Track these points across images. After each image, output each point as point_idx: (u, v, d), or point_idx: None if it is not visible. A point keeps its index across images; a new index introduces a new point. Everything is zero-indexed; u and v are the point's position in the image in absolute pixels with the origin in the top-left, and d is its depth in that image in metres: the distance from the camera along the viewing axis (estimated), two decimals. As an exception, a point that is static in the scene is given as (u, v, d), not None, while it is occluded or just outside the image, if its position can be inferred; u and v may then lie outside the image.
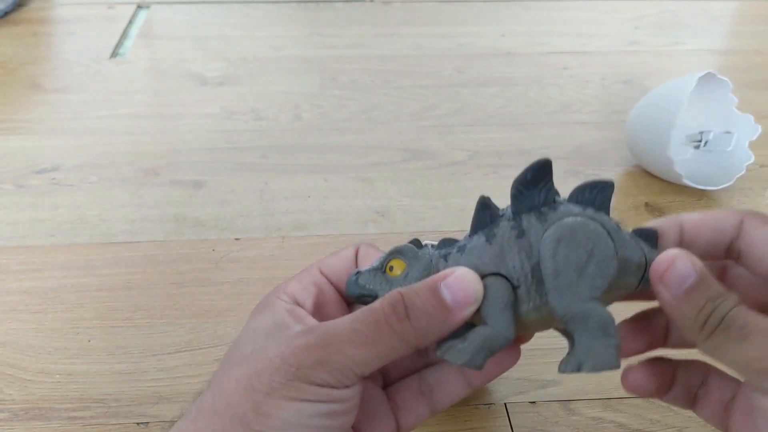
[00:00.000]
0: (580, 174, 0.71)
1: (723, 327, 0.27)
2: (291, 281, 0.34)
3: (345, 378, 0.28)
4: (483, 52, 0.97)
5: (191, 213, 0.65)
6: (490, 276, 0.29)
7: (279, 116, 0.81)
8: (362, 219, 0.65)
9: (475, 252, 0.30)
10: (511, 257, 0.29)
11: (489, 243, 0.29)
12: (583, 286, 0.28)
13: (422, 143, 0.76)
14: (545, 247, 0.29)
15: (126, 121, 0.80)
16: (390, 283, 0.31)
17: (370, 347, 0.28)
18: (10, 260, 0.59)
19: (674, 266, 0.28)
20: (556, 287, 0.28)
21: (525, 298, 0.29)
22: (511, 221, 0.30)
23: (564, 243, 0.28)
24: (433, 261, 0.31)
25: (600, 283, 0.28)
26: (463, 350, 0.29)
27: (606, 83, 0.89)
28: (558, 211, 0.30)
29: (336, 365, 0.28)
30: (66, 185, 0.69)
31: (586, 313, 0.28)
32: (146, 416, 0.46)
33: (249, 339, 0.31)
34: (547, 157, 0.30)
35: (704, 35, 1.04)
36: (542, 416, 0.46)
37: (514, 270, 0.29)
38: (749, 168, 0.67)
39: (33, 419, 0.46)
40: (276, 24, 1.05)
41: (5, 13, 1.03)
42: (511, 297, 0.29)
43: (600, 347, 0.28)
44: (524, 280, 0.29)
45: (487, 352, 0.29)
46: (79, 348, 0.51)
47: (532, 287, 0.29)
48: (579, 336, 0.28)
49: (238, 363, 0.30)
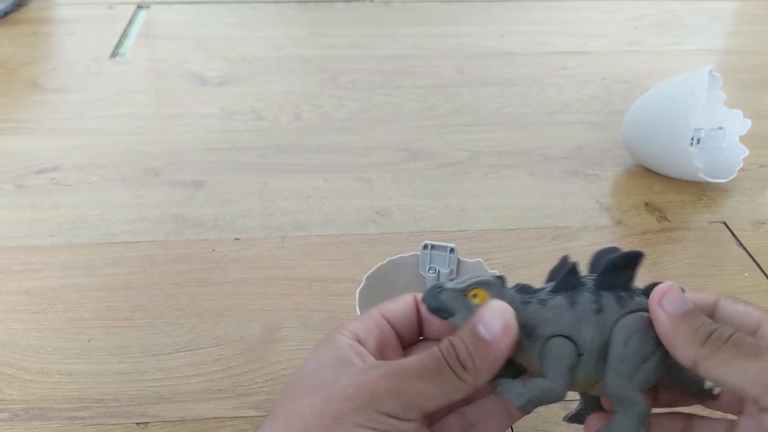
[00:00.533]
0: (580, 174, 0.71)
1: (732, 344, 0.29)
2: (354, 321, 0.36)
3: (411, 410, 0.30)
4: (483, 52, 0.97)
5: (191, 213, 0.65)
6: (563, 337, 0.32)
7: (279, 116, 0.81)
8: (362, 219, 0.65)
9: (556, 311, 0.32)
10: (586, 328, 0.32)
11: (570, 308, 0.32)
12: (639, 377, 0.32)
13: (422, 143, 0.76)
14: (621, 332, 0.32)
15: (126, 121, 0.80)
16: (469, 309, 0.32)
17: (436, 383, 0.30)
18: (10, 260, 0.59)
19: (672, 292, 0.31)
20: (617, 370, 0.32)
21: (583, 366, 0.32)
22: (592, 295, 0.33)
23: (637, 336, 0.32)
24: (514, 304, 0.33)
25: (651, 379, 0.32)
26: (520, 394, 0.32)
27: (606, 83, 0.89)
28: (635, 301, 0.33)
29: (406, 396, 0.30)
30: (66, 185, 0.69)
31: (633, 400, 0.31)
32: (146, 416, 0.46)
33: (315, 371, 0.33)
34: (642, 251, 0.33)
35: (704, 35, 1.04)
36: (542, 416, 0.46)
37: (584, 340, 0.32)
38: (749, 168, 0.67)
39: (33, 419, 0.46)
40: (276, 24, 1.05)
41: (5, 13, 1.03)
42: (575, 362, 0.32)
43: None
44: (590, 352, 0.32)
45: (539, 402, 0.32)
46: (79, 348, 0.51)
47: (593, 359, 0.32)
48: (620, 416, 0.32)
49: (309, 392, 0.31)
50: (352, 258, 0.60)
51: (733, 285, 0.58)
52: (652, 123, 0.68)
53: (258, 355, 0.51)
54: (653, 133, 0.67)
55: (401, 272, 0.51)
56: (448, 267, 0.51)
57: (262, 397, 0.48)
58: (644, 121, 0.69)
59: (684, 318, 0.31)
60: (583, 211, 0.66)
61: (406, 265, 0.51)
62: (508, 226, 0.64)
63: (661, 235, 0.63)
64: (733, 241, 0.63)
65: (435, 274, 0.51)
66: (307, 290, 0.56)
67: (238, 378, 0.49)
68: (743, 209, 0.67)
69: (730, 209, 0.67)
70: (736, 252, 0.61)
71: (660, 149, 0.68)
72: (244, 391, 0.48)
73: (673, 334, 0.31)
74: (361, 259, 0.60)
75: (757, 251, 0.61)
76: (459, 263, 0.51)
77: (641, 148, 0.70)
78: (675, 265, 0.60)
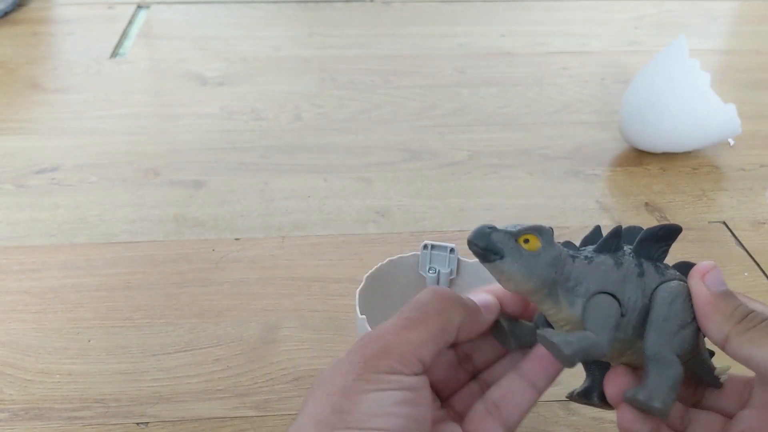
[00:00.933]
0: (580, 174, 0.71)
1: (766, 325, 0.31)
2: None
3: (409, 363, 0.31)
4: (483, 52, 0.97)
5: (191, 213, 0.65)
6: (609, 295, 0.32)
7: (279, 116, 0.81)
8: (362, 219, 0.65)
9: (603, 269, 0.33)
10: (630, 289, 0.32)
11: (616, 267, 0.33)
12: (677, 340, 0.32)
13: (422, 143, 0.76)
14: (665, 294, 0.32)
15: (126, 121, 0.80)
16: (519, 252, 0.32)
17: (423, 328, 0.31)
18: (10, 260, 0.59)
19: (715, 270, 0.33)
20: (659, 329, 0.32)
21: (623, 327, 0.32)
22: (634, 260, 0.33)
23: (681, 300, 0.32)
24: (562, 256, 0.33)
25: (686, 347, 0.32)
26: (570, 343, 0.31)
27: (606, 83, 0.89)
28: (670, 271, 0.34)
29: (397, 350, 0.31)
30: (66, 185, 0.69)
31: (670, 362, 0.31)
32: (146, 416, 0.46)
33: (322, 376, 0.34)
34: (680, 226, 0.34)
35: (704, 35, 1.04)
36: (542, 416, 0.46)
37: (628, 301, 0.32)
38: (749, 168, 0.67)
39: (33, 419, 0.46)
40: (276, 24, 1.05)
41: (5, 13, 1.03)
42: (618, 320, 0.32)
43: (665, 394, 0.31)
44: (631, 312, 0.32)
45: (585, 355, 0.31)
46: (79, 348, 0.51)
47: (632, 321, 0.32)
48: (655, 377, 0.32)
49: (313, 389, 0.32)
50: (352, 258, 0.60)
51: (733, 285, 0.57)
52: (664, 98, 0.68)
53: (258, 355, 0.51)
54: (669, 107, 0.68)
55: (401, 272, 0.50)
56: (448, 267, 0.51)
57: (262, 397, 0.48)
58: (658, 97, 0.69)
59: (723, 296, 0.32)
60: (583, 211, 0.66)
61: (406, 265, 0.51)
62: (508, 226, 0.64)
63: (661, 235, 0.63)
64: (733, 241, 0.63)
65: (435, 274, 0.51)
66: (307, 290, 0.56)
67: (238, 378, 0.49)
68: (743, 209, 0.67)
69: (730, 209, 0.67)
70: (736, 252, 0.61)
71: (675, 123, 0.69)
72: (244, 391, 0.48)
73: (710, 309, 0.32)
74: (361, 259, 0.60)
75: (757, 251, 0.61)
76: (459, 263, 0.51)
77: (650, 127, 0.70)
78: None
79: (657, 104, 0.68)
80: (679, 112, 0.68)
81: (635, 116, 0.70)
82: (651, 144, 0.71)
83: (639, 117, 0.70)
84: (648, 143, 0.71)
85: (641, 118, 0.70)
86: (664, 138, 0.70)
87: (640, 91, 0.70)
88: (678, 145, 0.71)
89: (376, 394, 0.29)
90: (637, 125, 0.71)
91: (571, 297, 0.32)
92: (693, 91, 0.67)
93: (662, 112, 0.68)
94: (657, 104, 0.68)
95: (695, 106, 0.68)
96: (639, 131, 0.71)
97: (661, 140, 0.70)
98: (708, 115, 0.68)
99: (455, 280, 0.51)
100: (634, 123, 0.71)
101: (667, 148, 0.71)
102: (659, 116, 0.68)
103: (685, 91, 0.68)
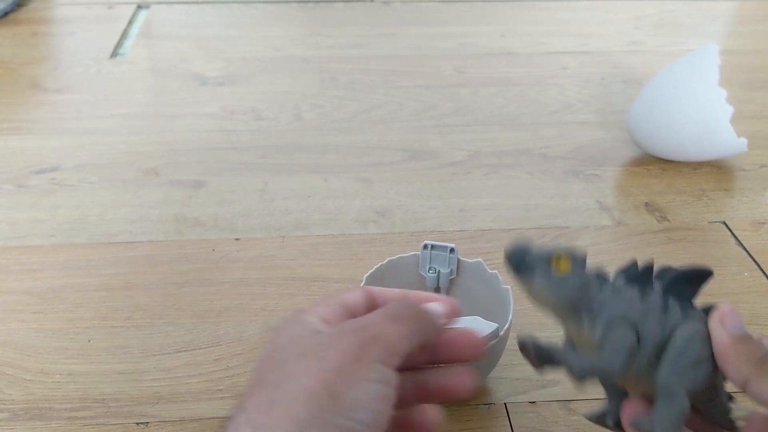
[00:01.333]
0: (580, 174, 0.71)
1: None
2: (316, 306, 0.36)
3: (391, 356, 0.31)
4: (483, 52, 0.97)
5: (191, 213, 0.65)
6: (628, 323, 0.34)
7: (279, 116, 0.81)
8: (362, 219, 0.65)
9: (627, 299, 0.34)
10: (650, 323, 0.34)
11: (641, 300, 0.34)
12: (689, 376, 0.33)
13: (422, 143, 0.76)
14: (685, 332, 0.34)
15: (126, 121, 0.80)
16: (548, 273, 0.33)
17: (405, 324, 0.32)
18: (10, 260, 0.59)
19: (734, 314, 0.34)
20: (672, 362, 0.33)
21: (639, 356, 0.33)
22: (660, 297, 0.35)
23: (699, 340, 0.34)
24: (590, 282, 0.34)
25: (698, 385, 0.34)
26: (580, 363, 0.33)
27: (606, 83, 0.89)
28: (696, 313, 0.35)
29: (385, 339, 0.31)
30: (66, 185, 0.69)
31: (677, 396, 0.33)
32: (146, 416, 0.46)
33: (295, 341, 0.33)
34: (711, 270, 0.35)
35: (704, 35, 1.04)
36: (542, 416, 0.46)
37: (647, 333, 0.34)
38: (749, 168, 0.67)
39: (33, 419, 0.46)
40: (276, 24, 1.05)
41: (5, 13, 1.03)
42: (634, 348, 0.33)
43: (667, 425, 0.33)
44: (649, 344, 0.33)
45: (594, 377, 0.33)
46: (79, 348, 0.51)
47: (647, 354, 0.33)
48: (663, 409, 0.33)
49: (299, 358, 0.32)
50: (352, 258, 0.60)
51: (733, 285, 0.58)
52: (679, 105, 0.68)
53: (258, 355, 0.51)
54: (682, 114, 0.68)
55: (401, 272, 0.51)
56: (448, 267, 0.51)
57: (262, 397, 0.48)
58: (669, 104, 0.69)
59: (742, 339, 0.33)
60: (584, 211, 0.66)
61: (406, 265, 0.51)
62: (508, 226, 0.64)
63: (661, 235, 0.63)
64: (733, 241, 0.63)
65: (435, 274, 0.51)
66: (307, 290, 0.56)
67: (238, 378, 0.49)
68: (743, 209, 0.67)
69: (730, 209, 0.67)
70: (736, 252, 0.61)
71: (690, 129, 0.68)
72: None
73: (730, 352, 0.33)
74: (361, 259, 0.60)
75: (757, 251, 0.61)
76: (459, 263, 0.51)
77: (664, 132, 0.70)
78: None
79: (674, 112, 0.68)
80: (694, 126, 0.67)
81: (647, 117, 0.69)
82: (654, 147, 0.71)
83: (650, 119, 0.69)
84: (651, 145, 0.71)
85: (653, 121, 0.69)
86: (670, 147, 0.69)
87: (659, 91, 0.69)
88: (682, 154, 0.70)
89: (366, 384, 0.30)
90: (645, 126, 0.70)
91: (593, 321, 0.33)
92: (711, 110, 0.67)
93: (677, 121, 0.67)
94: (674, 112, 0.68)
95: (711, 127, 0.67)
96: (648, 132, 0.70)
97: (667, 147, 0.70)
98: (721, 141, 0.68)
99: (455, 280, 0.51)
100: (644, 123, 0.70)
101: (671, 156, 0.71)
102: (672, 124, 0.67)
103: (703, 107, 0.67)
